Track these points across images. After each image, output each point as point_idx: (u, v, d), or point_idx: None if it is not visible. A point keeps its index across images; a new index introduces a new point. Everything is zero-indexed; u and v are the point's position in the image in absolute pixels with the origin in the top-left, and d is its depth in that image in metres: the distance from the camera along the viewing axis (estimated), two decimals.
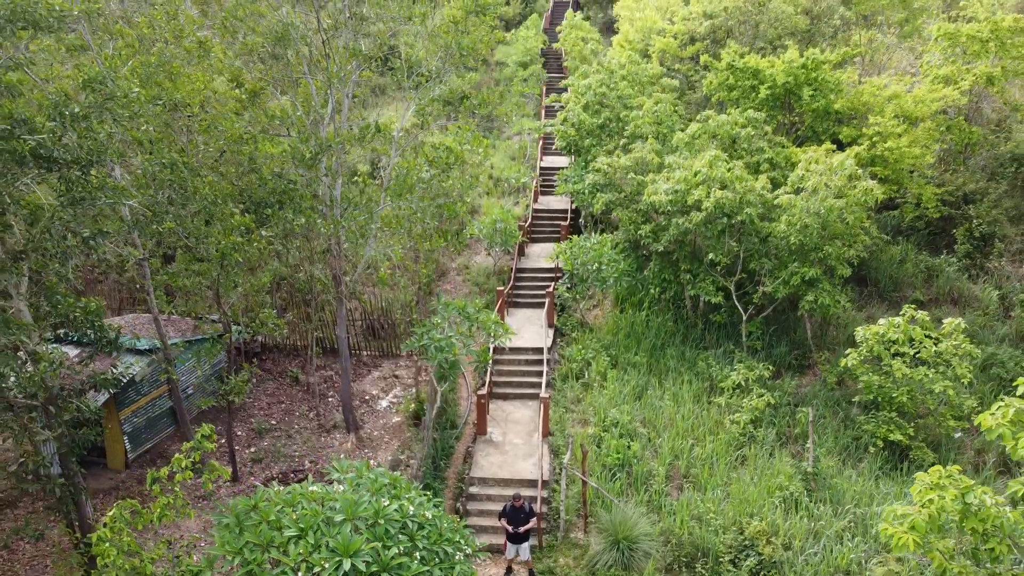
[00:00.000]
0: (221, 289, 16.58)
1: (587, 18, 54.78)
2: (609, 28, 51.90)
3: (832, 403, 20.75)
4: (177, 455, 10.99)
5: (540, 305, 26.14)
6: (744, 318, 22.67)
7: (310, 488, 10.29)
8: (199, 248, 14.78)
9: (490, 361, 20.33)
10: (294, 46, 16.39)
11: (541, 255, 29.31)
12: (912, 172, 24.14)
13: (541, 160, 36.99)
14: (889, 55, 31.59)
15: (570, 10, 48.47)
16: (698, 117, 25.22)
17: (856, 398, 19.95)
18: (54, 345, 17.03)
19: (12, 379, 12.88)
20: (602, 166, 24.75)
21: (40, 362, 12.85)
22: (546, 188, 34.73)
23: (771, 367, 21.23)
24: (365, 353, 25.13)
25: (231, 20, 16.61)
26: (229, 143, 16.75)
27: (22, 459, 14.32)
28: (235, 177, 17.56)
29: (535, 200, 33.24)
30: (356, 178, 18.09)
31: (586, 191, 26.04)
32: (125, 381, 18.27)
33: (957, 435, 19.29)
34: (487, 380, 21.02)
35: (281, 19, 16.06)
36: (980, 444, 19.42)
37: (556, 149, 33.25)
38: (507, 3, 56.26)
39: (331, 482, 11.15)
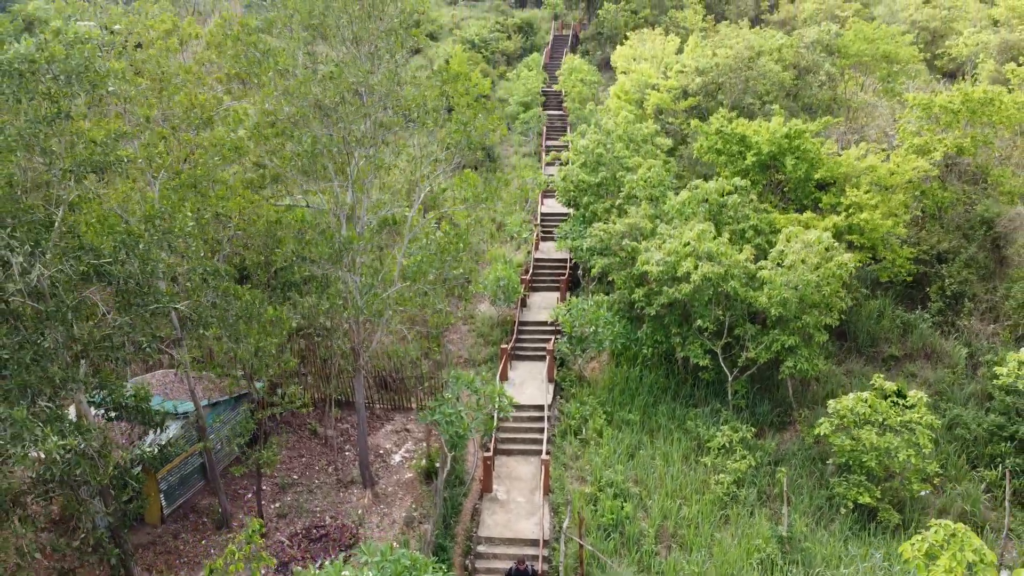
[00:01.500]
0: (253, 370, 18.44)
1: (586, 52, 56.70)
2: (607, 64, 53.66)
3: (809, 462, 22.60)
4: (231, 547, 12.74)
5: (541, 358, 27.97)
6: (730, 378, 24.52)
7: (343, 574, 12.11)
8: (238, 347, 16.63)
9: (494, 428, 22.15)
10: (321, 160, 18.17)
11: (542, 306, 31.16)
12: (886, 241, 25.95)
13: (542, 205, 38.81)
14: (869, 113, 33.39)
15: (569, 55, 50.33)
16: (689, 185, 27.05)
17: (830, 460, 21.79)
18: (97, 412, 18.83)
19: (79, 472, 14.72)
20: (599, 232, 26.61)
21: (105, 457, 14.69)
22: (547, 234, 36.56)
23: (753, 429, 23.07)
24: (378, 406, 26.97)
25: (262, 131, 18.39)
26: (260, 229, 18.62)
27: (83, 535, 16.19)
28: (262, 253, 19.41)
29: (536, 248, 35.07)
30: (373, 261, 19.87)
31: (584, 251, 27.91)
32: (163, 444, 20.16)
33: (922, 493, 21.12)
34: (492, 443, 22.85)
35: (313, 132, 17.81)
36: (944, 503, 21.27)
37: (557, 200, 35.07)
38: (508, 38, 58.07)
39: (351, 557, 12.97)
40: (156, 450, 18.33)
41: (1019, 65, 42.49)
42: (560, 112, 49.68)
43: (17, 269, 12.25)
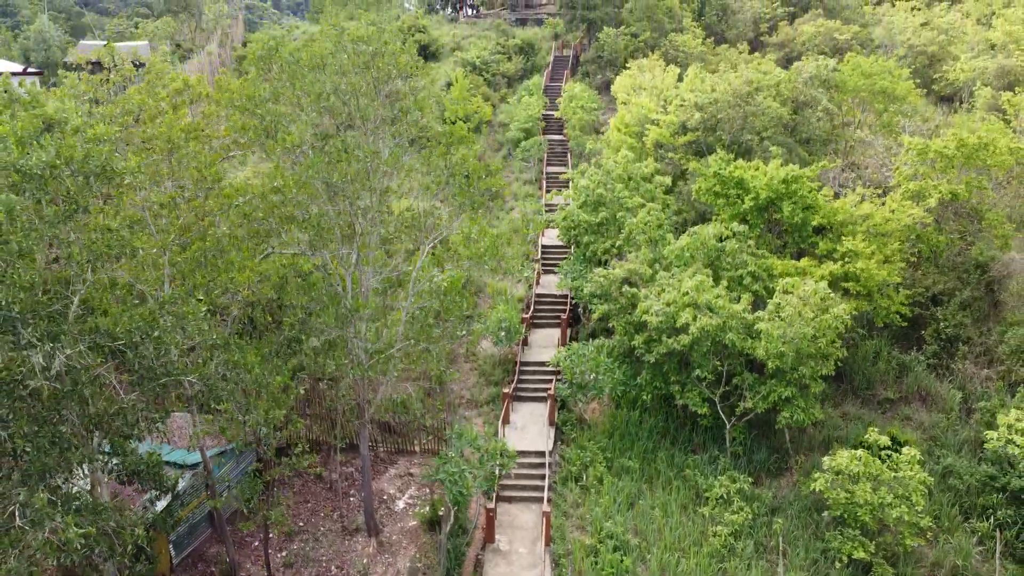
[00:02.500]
0: (261, 434, 18.90)
1: (586, 74, 57.10)
2: (607, 86, 54.03)
3: (805, 512, 23.05)
4: None
5: (543, 399, 28.41)
6: (728, 426, 24.97)
7: None
8: (248, 418, 17.09)
9: (496, 482, 22.58)
10: (328, 233, 18.59)
11: (544, 344, 31.61)
12: (881, 288, 26.36)
13: (543, 236, 39.21)
14: (865, 151, 33.78)
15: (570, 81, 50.73)
16: (688, 231, 27.47)
17: (826, 512, 22.24)
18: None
19: (97, 550, 15.17)
20: (599, 278, 27.05)
21: (122, 535, 15.14)
22: (548, 267, 36.97)
23: (750, 478, 23.53)
24: (381, 448, 27.41)
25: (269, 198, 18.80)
26: (267, 293, 19.08)
27: None
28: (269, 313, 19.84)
29: (537, 282, 35.50)
30: (379, 326, 20.29)
31: (584, 293, 28.36)
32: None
33: (915, 546, 21.57)
34: (494, 493, 23.30)
35: (320, 207, 18.23)
36: (936, 556, 21.72)
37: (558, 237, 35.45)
38: (509, 59, 58.46)
39: None
40: (167, 514, 18.76)
41: (1015, 94, 42.99)
42: (560, 137, 50.11)
43: (39, 366, 12.69)
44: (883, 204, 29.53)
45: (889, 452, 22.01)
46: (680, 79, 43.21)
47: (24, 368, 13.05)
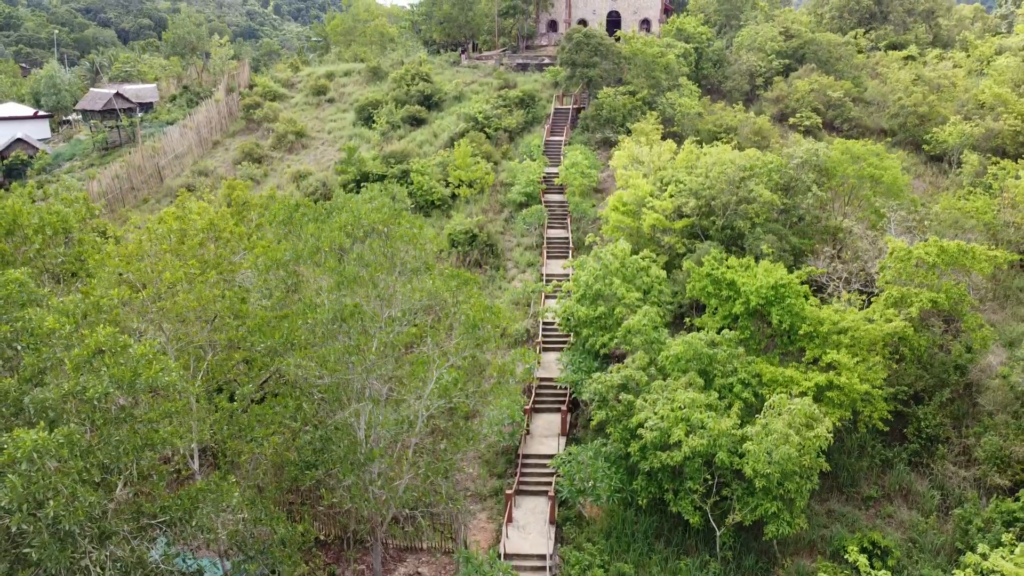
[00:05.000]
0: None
1: (586, 128, 58.45)
2: (607, 142, 55.42)
3: None
4: None
5: (544, 494, 29.93)
6: (718, 533, 26.50)
7: None
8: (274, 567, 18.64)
9: None
10: (346, 391, 20.12)
11: (545, 433, 33.11)
12: (864, 399, 27.87)
13: (542, 308, 40.64)
14: (853, 245, 35.24)
15: (569, 145, 52.11)
16: (681, 340, 28.95)
17: None
18: None
19: None
20: (596, 384, 28.55)
21: None
22: (548, 343, 38.42)
23: None
24: (391, 544, 28.93)
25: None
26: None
27: None
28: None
29: (538, 362, 36.91)
30: (390, 470, 21.79)
31: (583, 394, 29.89)
32: None
33: None
34: None
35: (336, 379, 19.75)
36: None
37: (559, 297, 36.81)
38: (510, 112, 59.83)
39: None
40: None
41: (1000, 167, 44.46)
42: (561, 198, 51.42)
43: (95, 573, 14.19)
44: (868, 305, 31.06)
45: (870, 556, 23.50)
46: (676, 152, 44.69)
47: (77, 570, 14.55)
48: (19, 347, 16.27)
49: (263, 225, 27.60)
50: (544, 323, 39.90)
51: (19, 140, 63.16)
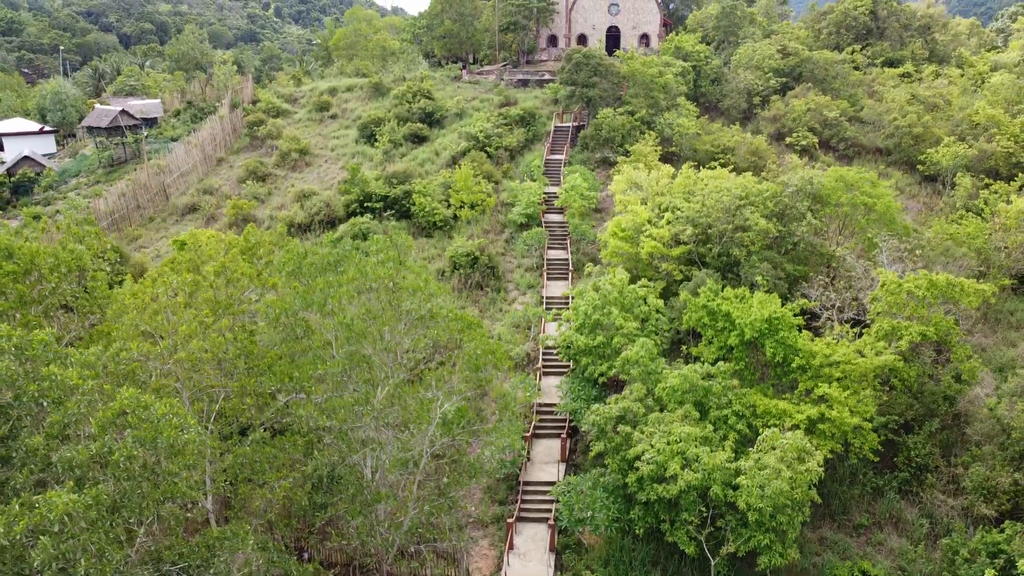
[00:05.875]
0: None
1: (585, 147, 59.29)
2: (606, 162, 56.29)
3: None
4: None
5: (544, 520, 30.78)
6: (712, 563, 27.36)
7: None
8: None
9: None
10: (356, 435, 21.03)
11: (545, 459, 33.93)
12: (854, 431, 28.71)
13: (543, 333, 41.47)
14: (847, 274, 36.06)
15: (569, 166, 52.93)
16: (678, 373, 29.79)
17: None
18: None
19: None
20: (594, 416, 29.39)
21: None
22: (548, 367, 39.24)
23: None
24: (396, 573, 29.76)
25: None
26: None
27: None
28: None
29: (538, 387, 37.76)
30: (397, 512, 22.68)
31: (582, 425, 30.73)
32: None
33: None
34: None
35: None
36: None
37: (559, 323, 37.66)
38: (511, 131, 60.65)
39: None
40: None
41: (992, 191, 45.31)
42: (560, 218, 52.21)
43: None
44: (861, 336, 31.89)
45: None
46: (673, 176, 45.53)
47: None
48: (45, 403, 17.10)
49: (272, 263, 28.45)
50: (544, 348, 40.72)
51: (26, 158, 63.99)
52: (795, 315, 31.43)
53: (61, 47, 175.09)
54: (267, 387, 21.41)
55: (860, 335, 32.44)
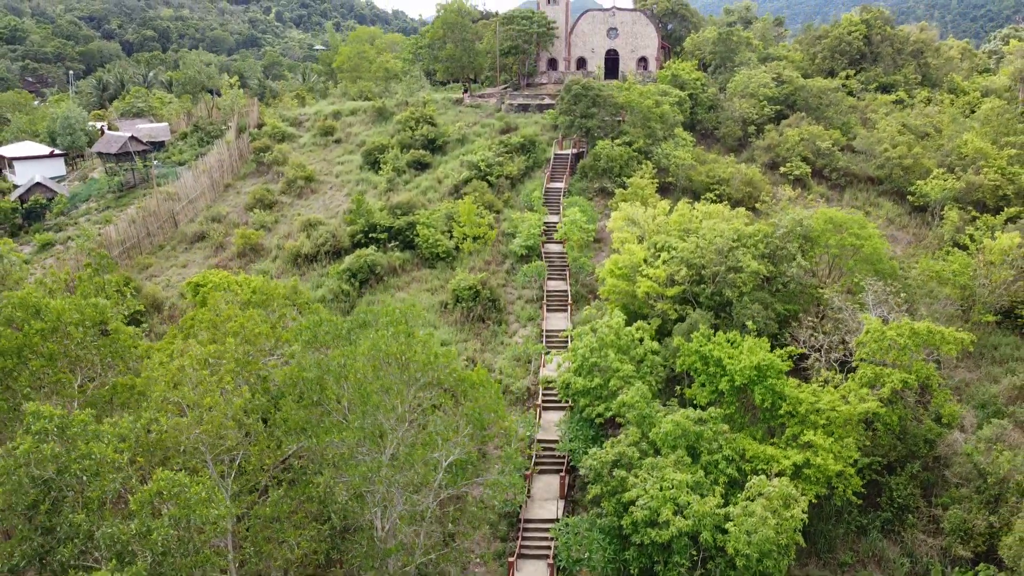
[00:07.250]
0: None
1: (584, 176, 60.75)
2: (605, 191, 57.71)
3: None
4: None
5: (544, 557, 32.32)
6: None
7: None
8: None
9: None
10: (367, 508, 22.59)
11: (545, 496, 35.45)
12: (838, 476, 30.27)
13: (543, 369, 42.99)
14: (836, 316, 37.58)
15: (567, 201, 54.42)
16: (671, 419, 31.32)
17: None
18: None
19: None
20: (591, 461, 30.96)
21: None
22: (548, 402, 40.75)
23: None
24: None
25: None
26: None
27: None
28: None
29: (538, 423, 39.30)
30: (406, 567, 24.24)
31: (580, 466, 32.29)
32: None
33: None
34: None
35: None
36: None
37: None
38: (511, 159, 62.09)
39: None
40: None
41: (975, 227, 46.79)
42: (560, 248, 53.65)
43: None
44: (845, 380, 33.42)
45: None
46: (669, 211, 47.01)
47: None
48: (84, 477, 18.64)
49: (285, 315, 29.95)
50: (544, 384, 42.23)
51: (38, 184, 65.47)
52: (784, 360, 32.99)
53: (66, 59, 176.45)
54: (287, 447, 22.93)
55: (847, 378, 33.96)
